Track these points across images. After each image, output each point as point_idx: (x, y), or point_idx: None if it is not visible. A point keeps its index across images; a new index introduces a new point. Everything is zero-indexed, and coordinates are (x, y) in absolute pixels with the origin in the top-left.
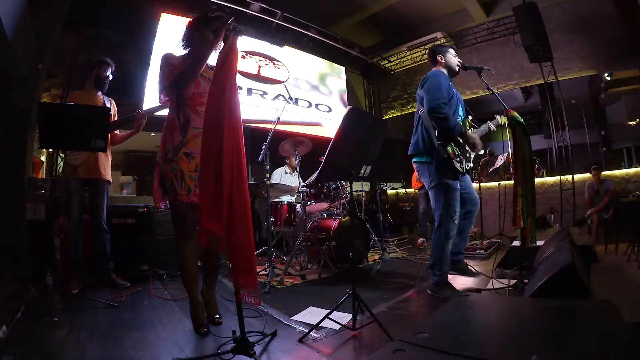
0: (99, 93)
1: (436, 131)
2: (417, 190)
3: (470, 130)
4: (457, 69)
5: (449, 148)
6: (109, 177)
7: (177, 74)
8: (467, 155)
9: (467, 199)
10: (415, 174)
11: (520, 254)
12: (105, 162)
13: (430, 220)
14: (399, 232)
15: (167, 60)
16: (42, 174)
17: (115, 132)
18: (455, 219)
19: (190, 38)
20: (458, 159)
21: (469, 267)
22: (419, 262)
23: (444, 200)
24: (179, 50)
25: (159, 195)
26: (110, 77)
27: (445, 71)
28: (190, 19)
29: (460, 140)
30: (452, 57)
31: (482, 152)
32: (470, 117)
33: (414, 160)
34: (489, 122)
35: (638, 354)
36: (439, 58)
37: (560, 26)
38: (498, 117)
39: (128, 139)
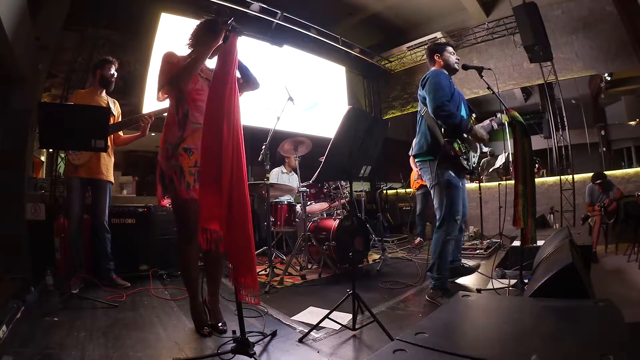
0: (103, 93)
1: (442, 129)
2: (416, 190)
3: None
4: (456, 66)
5: (455, 145)
6: (111, 178)
7: (176, 70)
8: (475, 150)
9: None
10: (414, 173)
11: (520, 254)
12: (108, 162)
13: (429, 221)
14: (399, 232)
15: (167, 58)
16: (42, 174)
17: (119, 133)
18: (458, 219)
19: (197, 39)
20: (465, 157)
21: (464, 264)
22: (419, 262)
23: (446, 198)
24: (182, 50)
25: (159, 193)
26: (115, 74)
27: (444, 70)
28: (201, 21)
29: (466, 137)
30: (450, 55)
31: (487, 149)
32: (474, 115)
33: (417, 160)
34: (492, 119)
35: (638, 354)
36: (436, 57)
37: (560, 26)
38: (499, 115)
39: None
